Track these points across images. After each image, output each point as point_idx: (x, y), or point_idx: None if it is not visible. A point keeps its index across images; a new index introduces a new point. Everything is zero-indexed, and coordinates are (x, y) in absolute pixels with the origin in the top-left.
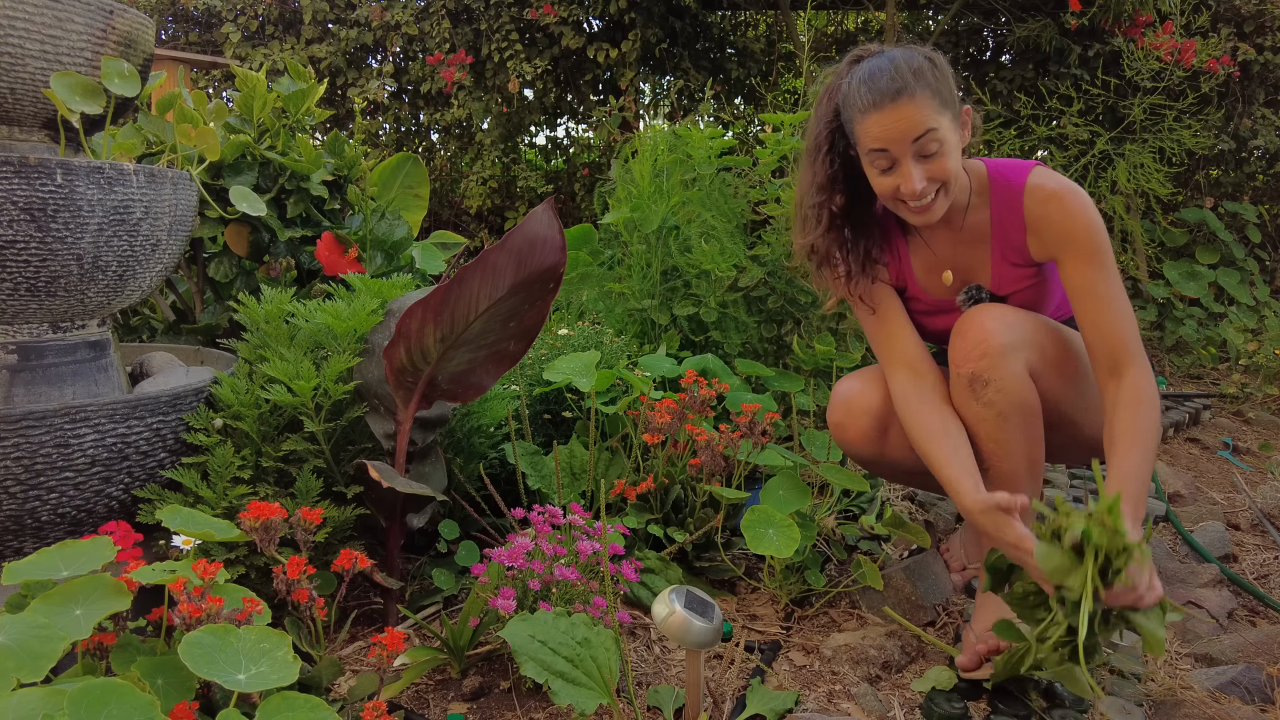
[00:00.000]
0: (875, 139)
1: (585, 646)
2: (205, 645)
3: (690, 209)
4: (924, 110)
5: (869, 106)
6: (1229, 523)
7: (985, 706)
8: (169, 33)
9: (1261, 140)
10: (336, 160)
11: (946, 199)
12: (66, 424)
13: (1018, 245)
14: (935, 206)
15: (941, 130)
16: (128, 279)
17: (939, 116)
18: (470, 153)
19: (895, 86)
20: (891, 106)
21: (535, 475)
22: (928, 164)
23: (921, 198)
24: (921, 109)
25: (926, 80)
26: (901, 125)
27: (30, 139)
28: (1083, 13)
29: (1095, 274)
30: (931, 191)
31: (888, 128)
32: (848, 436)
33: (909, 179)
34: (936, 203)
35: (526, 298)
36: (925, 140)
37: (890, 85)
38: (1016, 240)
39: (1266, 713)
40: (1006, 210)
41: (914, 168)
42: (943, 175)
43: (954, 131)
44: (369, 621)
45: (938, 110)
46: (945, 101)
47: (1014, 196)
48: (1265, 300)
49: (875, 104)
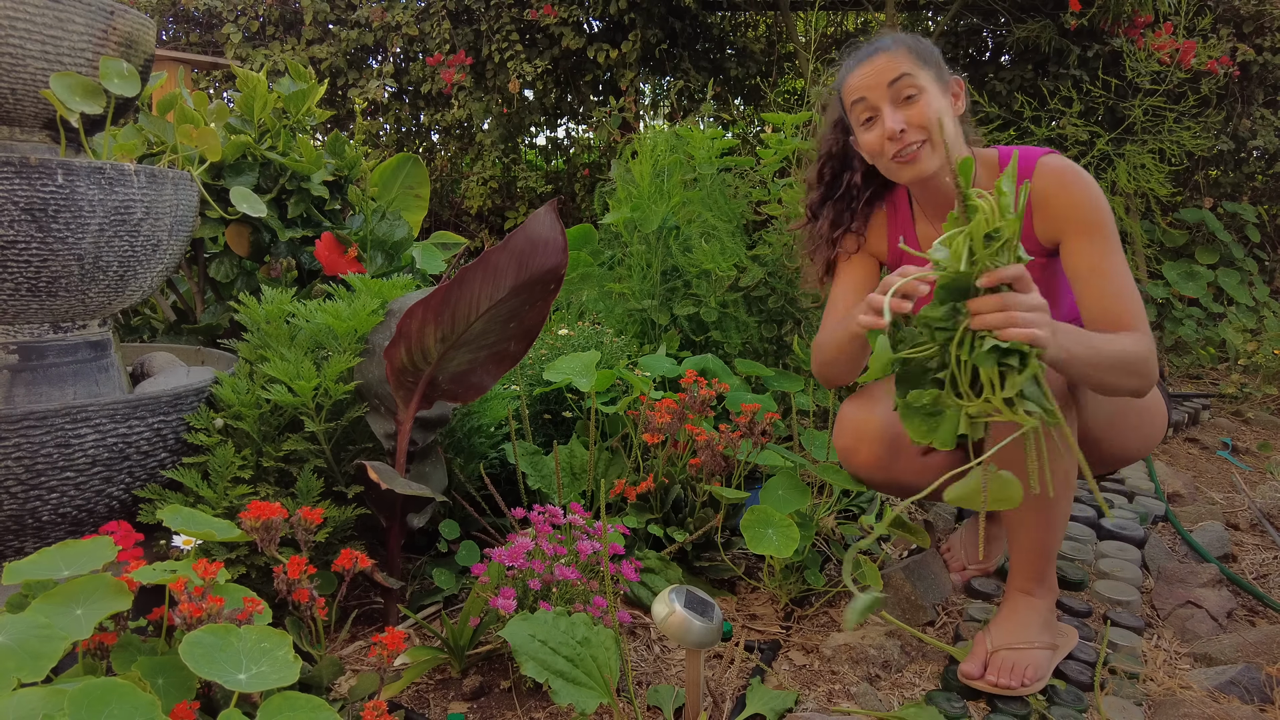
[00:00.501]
0: (854, 90)
1: (585, 646)
2: (206, 645)
3: (691, 209)
4: (899, 59)
5: (851, 66)
6: (1228, 523)
7: (985, 706)
8: (170, 33)
9: (1261, 141)
10: (337, 161)
11: (935, 153)
12: (67, 424)
13: (1025, 226)
14: (922, 157)
15: (919, 79)
16: (129, 279)
17: (917, 68)
18: (470, 153)
19: (874, 46)
20: (869, 60)
21: (535, 475)
22: (906, 108)
23: (902, 141)
24: (896, 58)
25: (905, 42)
26: (877, 73)
27: (31, 139)
28: (1082, 13)
29: (1097, 250)
30: (915, 138)
31: (864, 77)
32: (858, 461)
33: (886, 119)
34: (923, 154)
35: (527, 298)
36: (901, 84)
37: (870, 46)
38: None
39: (1266, 712)
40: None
41: (891, 111)
42: (922, 120)
43: (936, 87)
44: (369, 621)
45: (916, 63)
46: (925, 60)
47: (1023, 178)
48: (1264, 300)
49: (856, 61)
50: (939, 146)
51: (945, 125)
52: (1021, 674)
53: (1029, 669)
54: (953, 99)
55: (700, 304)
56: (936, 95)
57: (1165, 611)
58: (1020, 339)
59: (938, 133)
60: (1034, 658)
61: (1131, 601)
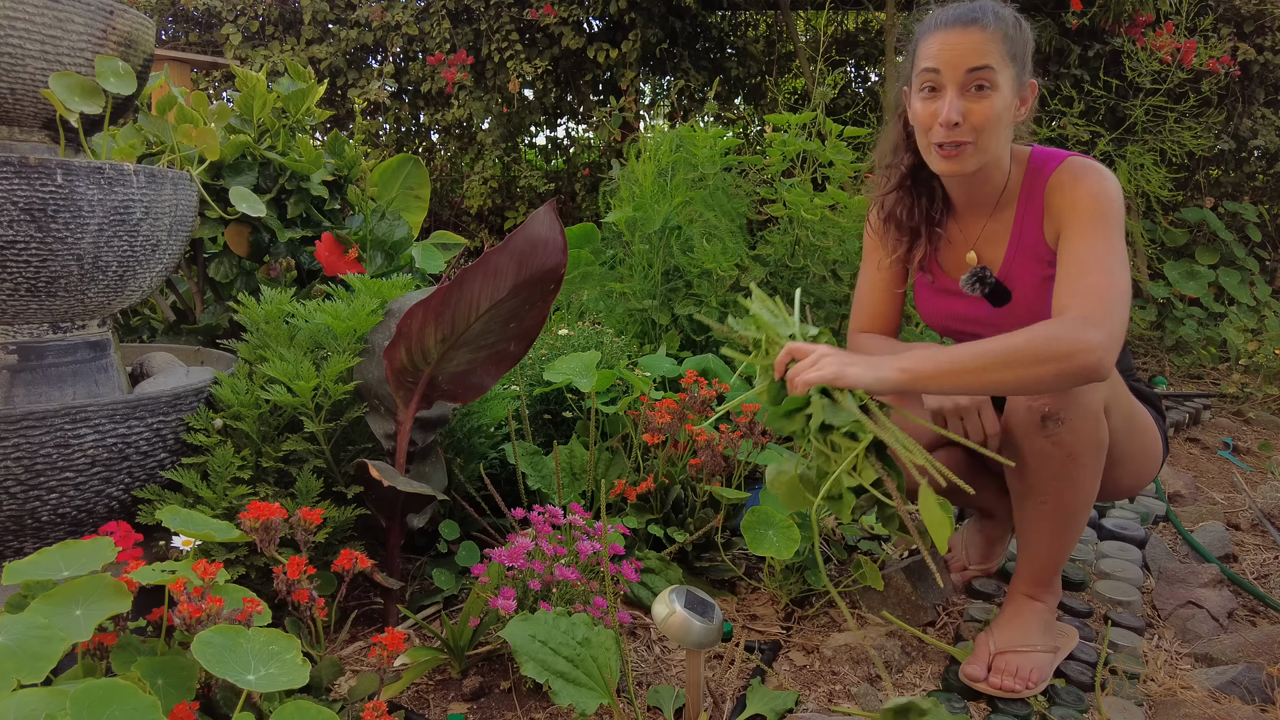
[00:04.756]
0: (931, 56)
1: (585, 646)
2: (216, 645)
3: (693, 209)
4: (991, 46)
5: (937, 25)
6: (1229, 523)
7: (985, 706)
8: (169, 33)
9: (1261, 140)
10: (337, 160)
11: (977, 156)
12: (67, 424)
13: (1036, 229)
14: (964, 155)
15: (999, 76)
16: (128, 279)
17: (1002, 62)
18: (470, 153)
19: (971, 15)
20: (960, 28)
21: (535, 475)
22: (971, 101)
23: (953, 134)
24: (989, 43)
25: (1005, 25)
26: (962, 47)
27: (30, 139)
28: (1083, 13)
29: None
30: (966, 137)
31: (948, 46)
32: None
33: (948, 106)
34: (965, 152)
35: (527, 299)
36: (978, 74)
37: (968, 12)
38: (1035, 223)
39: (1266, 712)
40: (1033, 193)
41: (955, 98)
42: (982, 121)
43: (1011, 88)
44: (369, 621)
45: (1004, 57)
46: (1015, 55)
47: (1043, 179)
48: (1265, 300)
49: (944, 23)
50: (983, 153)
51: (999, 134)
52: (1026, 677)
53: (1033, 671)
54: (1020, 103)
55: (701, 304)
56: (1006, 97)
57: (1166, 612)
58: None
59: (990, 139)
60: (1037, 660)
61: (1132, 602)
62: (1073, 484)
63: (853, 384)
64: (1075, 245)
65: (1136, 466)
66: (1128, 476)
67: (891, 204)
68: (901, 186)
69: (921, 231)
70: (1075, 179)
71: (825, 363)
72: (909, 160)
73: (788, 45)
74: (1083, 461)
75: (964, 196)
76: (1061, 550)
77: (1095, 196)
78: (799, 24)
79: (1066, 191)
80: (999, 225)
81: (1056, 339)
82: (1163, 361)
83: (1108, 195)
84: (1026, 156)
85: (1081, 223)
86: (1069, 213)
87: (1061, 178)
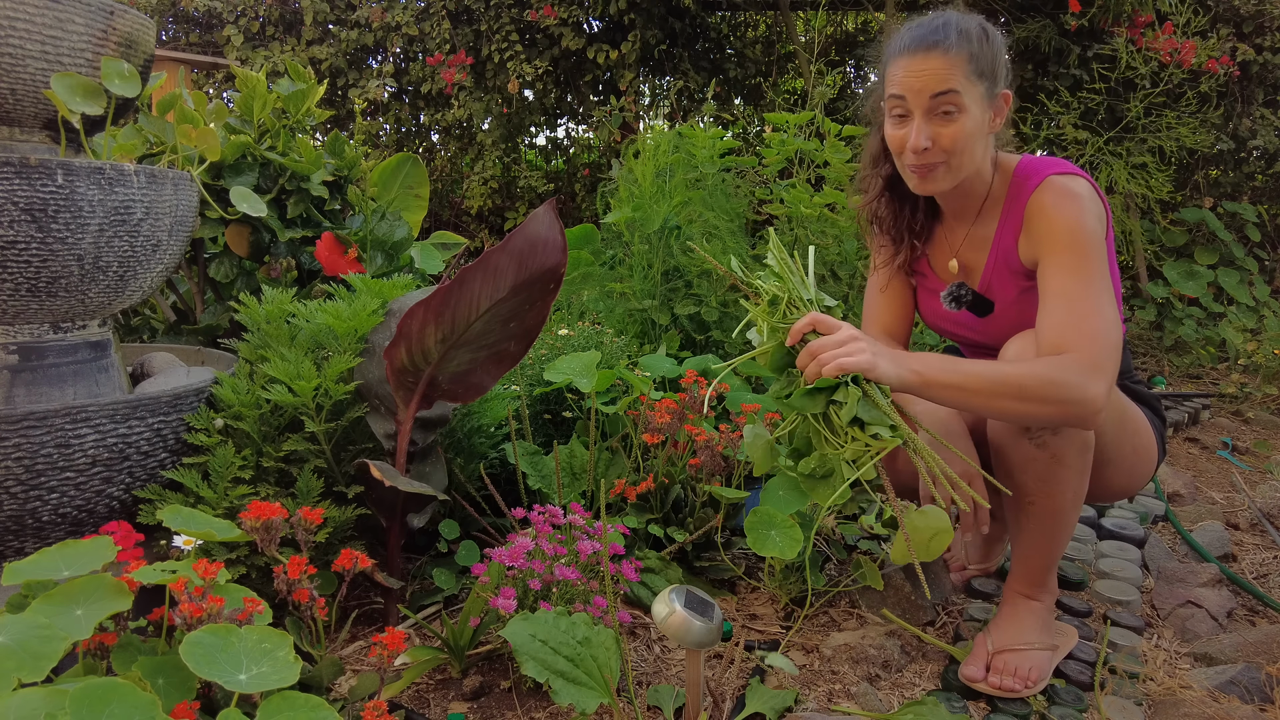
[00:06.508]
0: (896, 83)
1: (586, 646)
2: (206, 645)
3: (692, 209)
4: (953, 69)
5: (901, 50)
6: (1228, 522)
7: (985, 706)
8: (170, 34)
9: (1261, 140)
10: (337, 161)
11: (951, 175)
12: (67, 424)
13: (1013, 245)
14: (936, 177)
15: (965, 97)
16: (128, 279)
17: (968, 83)
18: (471, 153)
19: (934, 38)
20: (922, 54)
21: (535, 475)
22: (939, 125)
23: (923, 157)
24: (951, 67)
25: (969, 43)
26: (925, 75)
27: (31, 140)
28: (1082, 13)
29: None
30: (936, 159)
31: (911, 73)
32: None
33: (915, 132)
34: (938, 173)
35: (527, 299)
36: (943, 99)
37: (929, 35)
38: (1013, 239)
39: (1266, 712)
40: (1014, 207)
41: (923, 124)
42: (950, 145)
43: (981, 106)
44: (370, 621)
45: (969, 76)
46: (982, 72)
47: (1025, 195)
48: (1264, 300)
49: (908, 48)
50: (957, 171)
51: (972, 151)
52: (1025, 676)
53: (1032, 671)
54: (994, 115)
55: (701, 303)
56: (975, 115)
57: (1165, 611)
58: (829, 374)
59: (962, 160)
60: (1036, 659)
61: (1131, 601)
62: (1059, 486)
63: (880, 378)
64: (1063, 281)
65: (1129, 467)
66: (1120, 477)
67: (874, 211)
68: (882, 195)
69: (905, 237)
70: (1055, 204)
71: (857, 348)
72: (888, 170)
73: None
74: (1068, 463)
75: (947, 205)
76: (1053, 550)
77: (1072, 232)
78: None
79: (1046, 216)
80: (984, 231)
81: (1066, 386)
82: (1162, 361)
83: (1085, 230)
84: (1012, 167)
85: (1062, 257)
86: (1047, 242)
87: (1043, 199)
